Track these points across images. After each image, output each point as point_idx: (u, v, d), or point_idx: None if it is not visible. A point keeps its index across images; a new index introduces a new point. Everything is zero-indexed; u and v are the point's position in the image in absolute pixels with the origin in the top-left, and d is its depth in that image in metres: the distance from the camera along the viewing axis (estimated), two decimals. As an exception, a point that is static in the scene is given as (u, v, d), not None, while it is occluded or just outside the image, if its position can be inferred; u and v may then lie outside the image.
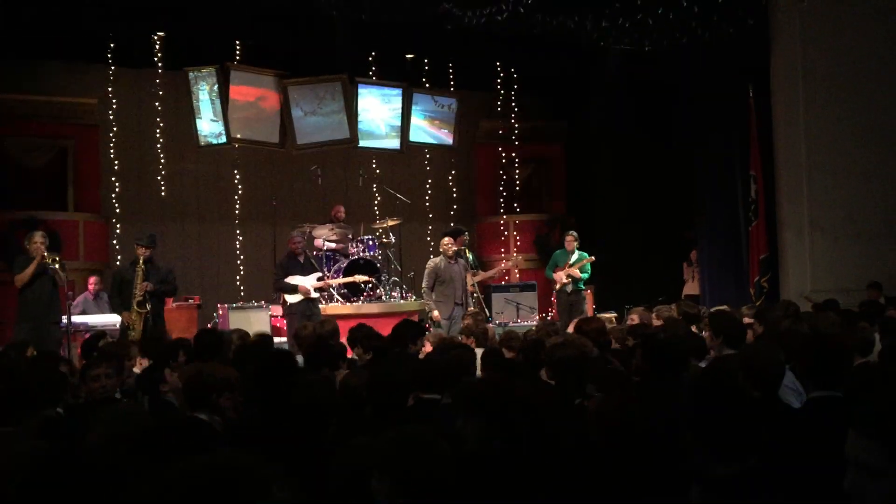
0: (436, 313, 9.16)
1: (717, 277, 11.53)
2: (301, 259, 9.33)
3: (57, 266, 7.85)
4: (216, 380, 3.72)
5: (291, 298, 9.16)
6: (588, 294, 11.48)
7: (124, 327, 7.96)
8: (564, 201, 14.52)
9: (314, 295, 9.26)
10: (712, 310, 7.05)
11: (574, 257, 10.48)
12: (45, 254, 7.81)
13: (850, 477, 1.67)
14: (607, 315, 7.90)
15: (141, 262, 7.94)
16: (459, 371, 4.18)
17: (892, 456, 1.62)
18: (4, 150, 11.44)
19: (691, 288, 12.28)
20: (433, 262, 9.51)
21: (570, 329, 5.90)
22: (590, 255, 10.46)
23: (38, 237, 7.96)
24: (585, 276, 10.51)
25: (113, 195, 11.94)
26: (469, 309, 8.72)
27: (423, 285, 9.40)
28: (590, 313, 10.74)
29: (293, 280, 9.13)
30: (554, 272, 10.62)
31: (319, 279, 9.38)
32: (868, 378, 3.38)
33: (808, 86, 10.64)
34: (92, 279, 10.53)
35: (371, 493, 2.14)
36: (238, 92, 10.91)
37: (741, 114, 11.11)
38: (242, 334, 6.27)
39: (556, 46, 11.14)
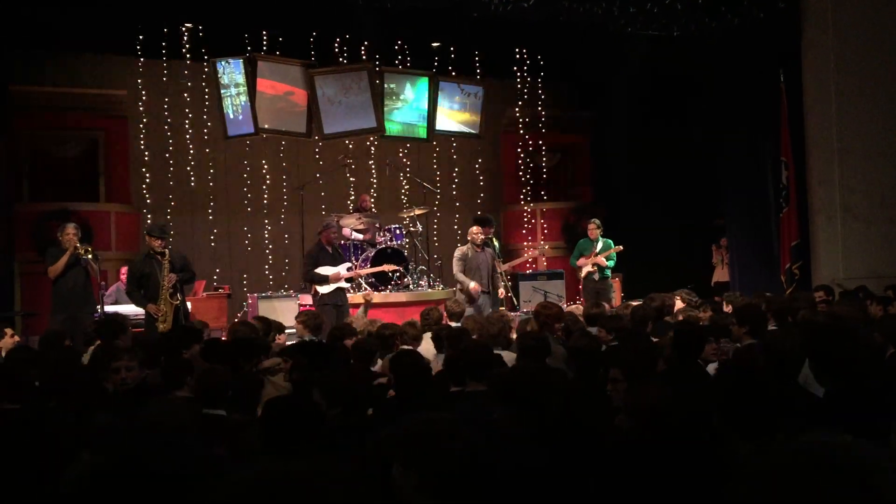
0: (473, 284, 9.15)
1: (747, 265, 11.42)
2: (330, 250, 9.38)
3: (89, 257, 7.94)
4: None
5: (323, 289, 9.19)
6: (616, 282, 11.44)
7: (152, 319, 7.94)
8: (591, 189, 14.45)
9: (344, 284, 9.31)
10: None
11: (600, 245, 10.44)
12: (78, 245, 7.90)
13: None
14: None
15: (167, 254, 7.94)
16: (487, 362, 4.18)
17: None
18: (37, 143, 11.62)
19: (720, 275, 12.18)
20: (461, 249, 9.52)
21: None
22: (617, 245, 10.42)
23: (71, 229, 8.06)
24: (611, 263, 10.47)
25: (143, 186, 12.09)
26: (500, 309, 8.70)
27: (455, 270, 9.40)
28: (617, 301, 10.70)
29: (323, 270, 9.17)
30: (578, 260, 10.60)
31: (349, 269, 9.44)
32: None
33: (840, 69, 10.47)
34: (124, 269, 10.65)
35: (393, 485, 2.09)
36: (266, 85, 10.96)
37: (771, 99, 10.96)
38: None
39: (583, 33, 11.05)
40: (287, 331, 7.13)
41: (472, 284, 9.12)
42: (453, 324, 6.77)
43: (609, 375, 3.72)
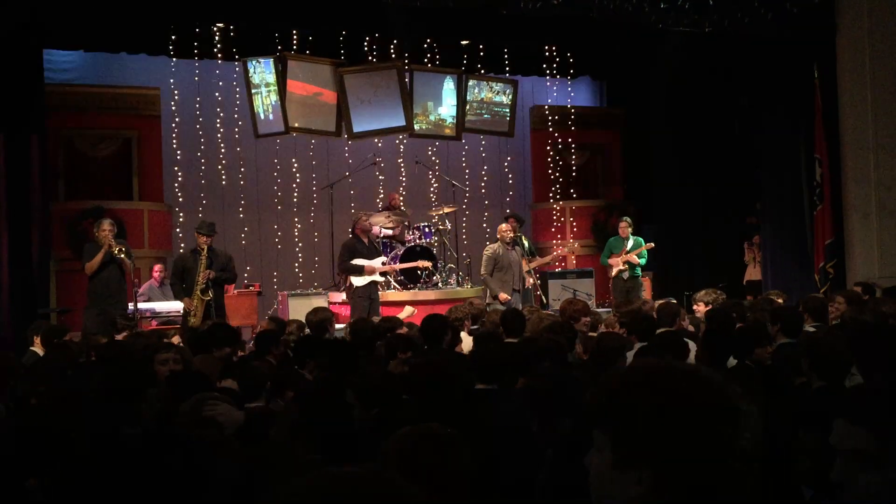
0: (503, 294, 9.13)
1: (781, 263, 11.27)
2: (366, 241, 9.42)
3: (123, 255, 8.06)
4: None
5: (358, 281, 9.21)
6: (646, 280, 11.35)
7: (185, 313, 8.16)
8: (622, 187, 14.35)
9: (378, 278, 9.33)
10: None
11: (630, 243, 10.37)
12: (113, 242, 8.03)
13: (839, 467, 1.59)
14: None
15: (205, 250, 8.11)
16: (516, 361, 4.16)
17: (881, 443, 1.55)
18: (72, 142, 11.79)
19: (753, 273, 12.03)
20: (491, 248, 9.51)
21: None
22: (647, 242, 10.34)
23: (107, 225, 8.19)
24: (643, 262, 10.40)
25: (175, 184, 12.21)
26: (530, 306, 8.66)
27: (483, 272, 9.39)
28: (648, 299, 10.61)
29: (359, 262, 9.19)
30: (609, 258, 10.53)
31: (384, 263, 9.48)
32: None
33: (875, 64, 10.29)
34: (157, 267, 10.79)
35: None
36: (296, 87, 11.02)
37: (806, 96, 10.81)
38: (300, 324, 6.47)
39: (614, 29, 10.97)
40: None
41: (503, 294, 9.10)
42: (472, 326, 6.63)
43: None
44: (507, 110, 12.34)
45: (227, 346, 5.28)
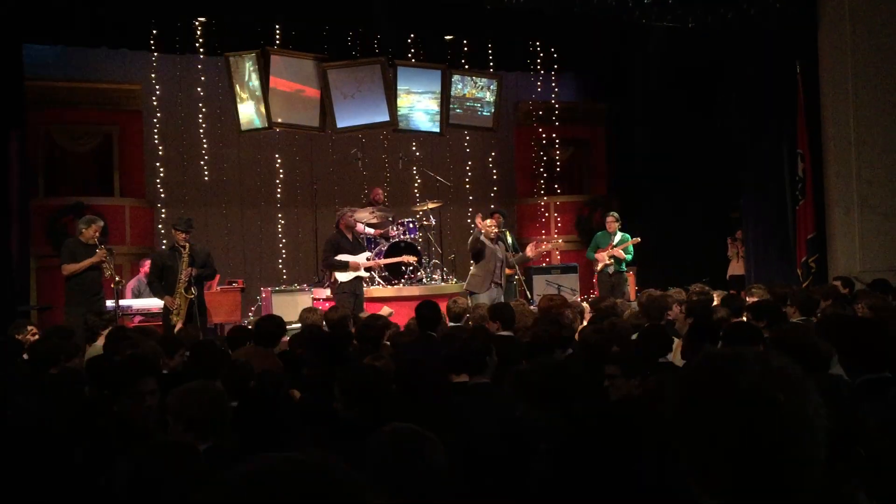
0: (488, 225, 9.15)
1: (763, 258, 11.33)
2: (350, 237, 9.39)
3: (106, 272, 7.99)
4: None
5: (342, 277, 9.17)
6: (630, 276, 11.38)
7: (167, 311, 8.06)
8: (606, 182, 14.38)
9: (363, 273, 9.30)
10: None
11: (617, 238, 10.40)
12: (106, 260, 7.93)
13: None
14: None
15: (188, 248, 8.01)
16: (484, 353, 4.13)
17: None
18: (52, 138, 11.66)
19: (736, 268, 12.09)
20: (478, 234, 9.53)
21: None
22: (633, 237, 10.37)
23: (96, 226, 8.04)
24: (629, 257, 10.43)
25: (157, 180, 12.11)
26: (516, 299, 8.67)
27: (470, 242, 9.40)
28: (632, 295, 10.64)
29: (343, 258, 9.16)
30: (596, 253, 10.55)
31: (368, 258, 9.45)
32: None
33: (857, 61, 10.37)
34: (146, 262, 10.68)
35: None
36: (279, 83, 10.94)
37: (788, 91, 10.86)
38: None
39: (598, 25, 10.98)
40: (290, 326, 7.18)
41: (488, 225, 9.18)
42: (452, 324, 6.59)
43: (605, 372, 3.70)
44: (492, 105, 12.32)
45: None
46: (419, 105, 11.76)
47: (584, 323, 6.41)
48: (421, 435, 2.14)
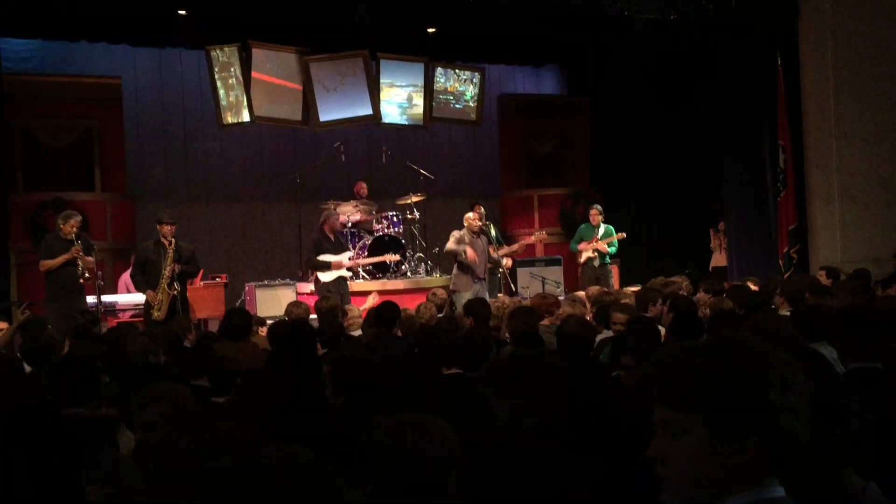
0: (469, 251, 9.07)
1: (745, 249, 11.41)
2: (332, 238, 9.38)
3: (86, 276, 7.90)
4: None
5: (325, 277, 9.17)
6: (614, 268, 11.42)
7: (148, 306, 7.99)
8: (588, 175, 14.41)
9: (345, 273, 9.30)
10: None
11: (601, 231, 10.42)
12: (81, 258, 7.84)
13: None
14: None
15: (173, 243, 7.94)
16: (484, 348, 4.15)
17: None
18: (30, 132, 11.52)
19: (718, 260, 12.16)
20: (458, 233, 9.49)
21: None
22: (618, 232, 10.40)
23: (74, 221, 7.97)
24: (613, 250, 10.46)
25: (138, 175, 12.01)
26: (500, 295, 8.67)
27: (448, 245, 9.32)
28: (616, 287, 10.67)
29: (325, 258, 9.15)
30: (579, 245, 10.57)
31: (350, 258, 9.44)
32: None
33: (838, 52, 10.44)
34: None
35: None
36: (261, 77, 10.86)
37: (769, 82, 10.92)
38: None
39: (580, 17, 10.98)
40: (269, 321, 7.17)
41: (469, 251, 9.08)
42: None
43: (621, 362, 3.71)
44: (475, 99, 12.30)
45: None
46: (395, 98, 11.72)
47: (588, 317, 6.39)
48: (433, 421, 2.11)
